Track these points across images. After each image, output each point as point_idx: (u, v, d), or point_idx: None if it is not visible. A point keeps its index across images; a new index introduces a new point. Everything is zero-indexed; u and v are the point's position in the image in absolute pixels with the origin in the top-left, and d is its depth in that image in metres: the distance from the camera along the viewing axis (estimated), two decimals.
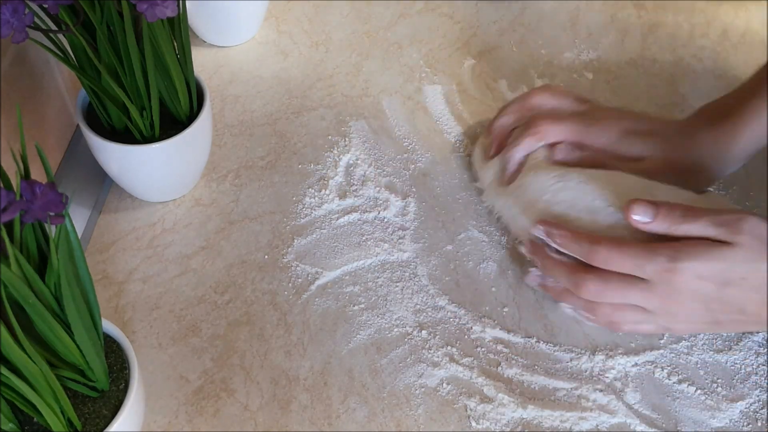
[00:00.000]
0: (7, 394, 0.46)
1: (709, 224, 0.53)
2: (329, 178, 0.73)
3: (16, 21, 0.50)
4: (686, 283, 0.53)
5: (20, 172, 0.45)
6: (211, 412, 0.58)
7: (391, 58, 0.84)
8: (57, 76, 0.70)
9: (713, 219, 0.53)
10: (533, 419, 0.58)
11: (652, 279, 0.54)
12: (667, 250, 0.53)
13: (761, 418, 0.58)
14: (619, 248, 0.55)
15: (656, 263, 0.53)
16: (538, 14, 0.89)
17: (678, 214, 0.54)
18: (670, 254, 0.53)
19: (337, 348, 0.62)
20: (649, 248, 0.54)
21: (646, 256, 0.54)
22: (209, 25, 0.83)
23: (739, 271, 0.53)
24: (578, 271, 0.57)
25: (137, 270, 0.66)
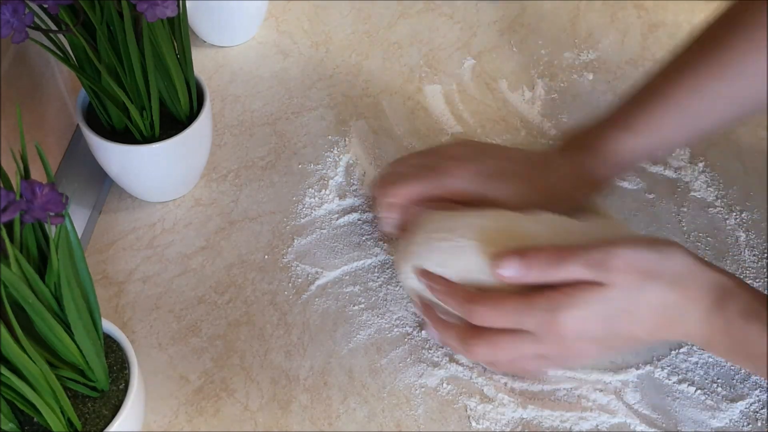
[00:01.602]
0: (7, 394, 0.46)
1: (579, 266, 0.51)
2: (329, 178, 0.73)
3: (16, 21, 0.50)
4: (570, 330, 0.52)
5: (20, 172, 0.45)
6: (211, 412, 0.58)
7: (391, 58, 0.84)
8: (57, 76, 0.70)
9: (583, 261, 0.51)
10: (533, 419, 0.58)
11: (536, 332, 0.53)
12: (544, 300, 0.52)
13: (761, 418, 0.58)
14: (496, 306, 0.53)
15: (535, 317, 0.52)
16: (538, 14, 0.89)
17: (544, 262, 0.52)
18: (547, 306, 0.52)
19: (337, 348, 0.62)
20: (526, 301, 0.52)
21: (525, 311, 0.52)
22: (209, 25, 0.83)
23: (619, 307, 0.52)
24: (466, 336, 0.55)
25: (137, 270, 0.66)
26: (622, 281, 0.51)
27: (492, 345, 0.54)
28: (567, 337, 0.52)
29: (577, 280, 0.52)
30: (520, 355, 0.55)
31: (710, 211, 0.70)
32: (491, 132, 0.77)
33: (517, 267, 0.52)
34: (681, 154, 0.74)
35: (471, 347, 0.55)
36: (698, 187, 0.72)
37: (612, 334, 0.53)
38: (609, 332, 0.53)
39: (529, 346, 0.54)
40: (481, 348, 0.55)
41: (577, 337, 0.52)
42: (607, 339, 0.53)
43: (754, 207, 0.71)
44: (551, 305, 0.52)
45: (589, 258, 0.52)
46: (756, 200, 0.71)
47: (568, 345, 0.53)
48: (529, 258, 0.52)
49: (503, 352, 0.55)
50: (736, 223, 0.69)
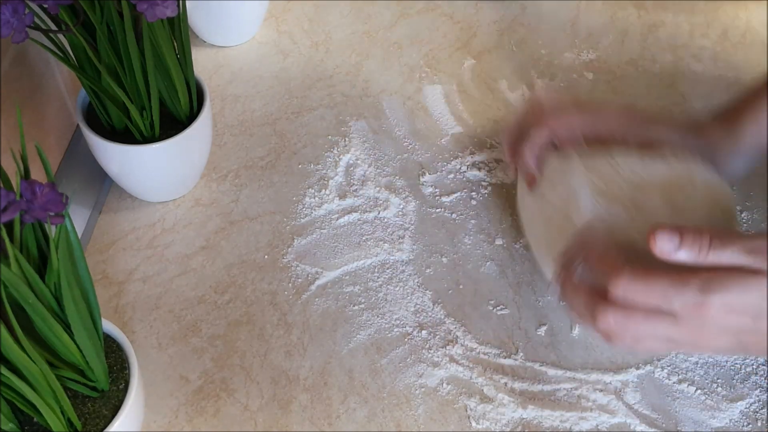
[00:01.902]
0: (7, 394, 0.46)
1: (740, 252, 0.49)
2: (329, 178, 0.73)
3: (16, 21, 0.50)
4: (717, 317, 0.49)
5: (20, 172, 0.45)
6: (211, 412, 0.58)
7: (391, 58, 0.84)
8: (57, 76, 0.70)
9: (743, 246, 0.49)
10: (533, 419, 0.58)
11: (679, 314, 0.50)
12: (697, 281, 0.49)
13: (761, 418, 0.58)
14: (644, 279, 0.50)
15: (685, 297, 0.49)
16: (538, 14, 0.89)
17: (705, 242, 0.49)
18: (700, 287, 0.49)
19: (337, 348, 0.62)
20: (676, 280, 0.49)
21: (674, 290, 0.49)
22: (209, 25, 0.83)
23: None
24: (598, 300, 0.52)
25: (137, 270, 0.66)
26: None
27: (626, 318, 0.51)
28: (710, 323, 0.49)
29: (733, 266, 0.49)
30: (650, 334, 0.51)
31: None
32: (491, 132, 0.77)
33: (676, 242, 0.50)
34: None
35: (602, 313, 0.51)
36: None
37: (756, 331, 0.50)
38: (754, 327, 0.50)
39: (665, 328, 0.50)
40: (612, 317, 0.51)
41: (721, 325, 0.50)
42: (747, 335, 0.50)
43: (754, 207, 0.71)
44: (704, 285, 0.49)
45: (750, 243, 0.49)
46: (756, 200, 0.71)
47: (706, 333, 0.50)
48: (687, 233, 0.50)
49: (634, 327, 0.51)
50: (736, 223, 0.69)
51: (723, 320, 0.49)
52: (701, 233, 0.50)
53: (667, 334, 0.51)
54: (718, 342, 0.51)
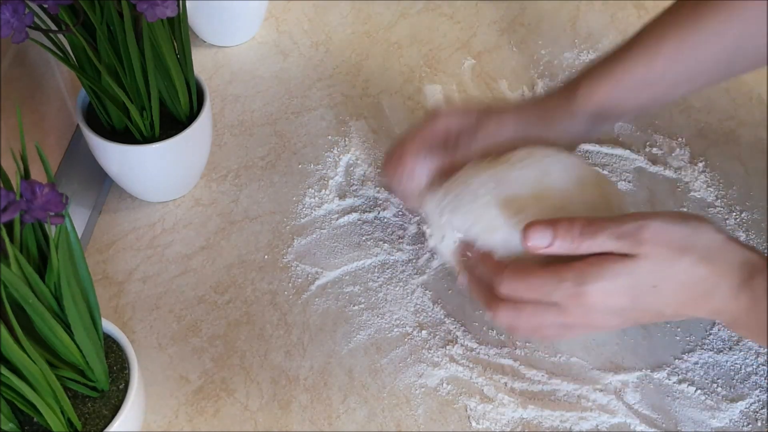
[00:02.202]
0: (7, 394, 0.46)
1: (610, 238, 0.51)
2: (329, 178, 0.73)
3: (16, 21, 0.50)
4: (597, 302, 0.51)
5: (20, 172, 0.45)
6: (211, 412, 0.58)
7: (391, 58, 0.84)
8: (57, 76, 0.70)
9: (613, 232, 0.51)
10: (533, 419, 0.58)
11: (562, 304, 0.52)
12: (572, 273, 0.51)
13: (761, 418, 0.58)
14: (523, 278, 0.53)
15: (563, 290, 0.51)
16: (538, 14, 0.89)
17: (577, 232, 0.52)
18: (575, 278, 0.51)
19: (337, 348, 0.62)
20: (553, 274, 0.52)
21: (552, 284, 0.52)
22: (209, 25, 0.83)
23: (648, 282, 0.51)
24: (492, 297, 0.55)
25: (137, 270, 0.66)
26: (653, 254, 0.51)
27: (516, 311, 0.54)
28: (593, 309, 0.52)
29: (606, 252, 0.51)
30: (542, 323, 0.54)
31: (710, 211, 0.70)
32: None
33: (548, 236, 0.52)
34: (681, 154, 0.74)
35: (495, 310, 0.55)
36: (698, 187, 0.72)
37: (638, 307, 0.52)
38: (635, 306, 0.52)
39: (553, 316, 0.53)
40: (504, 312, 0.54)
41: (603, 309, 0.52)
42: (631, 312, 0.53)
43: (754, 207, 0.71)
44: (579, 278, 0.51)
45: (620, 230, 0.51)
46: (756, 200, 0.71)
47: (592, 316, 0.53)
48: (560, 226, 0.52)
49: (526, 320, 0.54)
50: (736, 223, 0.69)
51: (604, 304, 0.52)
52: (572, 224, 0.52)
53: (559, 322, 0.53)
54: (609, 322, 0.54)
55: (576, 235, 0.52)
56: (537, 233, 0.52)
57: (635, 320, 0.54)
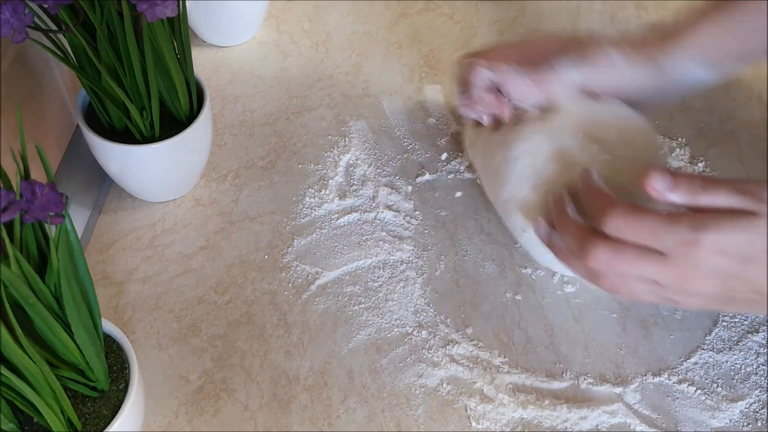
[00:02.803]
0: (7, 394, 0.46)
1: (731, 194, 0.49)
2: (329, 178, 0.73)
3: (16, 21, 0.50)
4: (707, 257, 0.49)
5: (20, 172, 0.45)
6: (211, 412, 0.58)
7: (391, 58, 0.84)
8: (57, 76, 0.70)
9: (735, 188, 0.49)
10: (533, 419, 0.58)
11: (669, 252, 0.49)
12: (689, 220, 0.49)
13: (761, 418, 0.58)
14: (637, 215, 0.50)
15: (677, 234, 0.49)
16: (538, 14, 0.89)
17: (698, 184, 0.50)
18: (693, 225, 0.49)
19: (337, 348, 0.62)
20: (669, 217, 0.49)
21: (666, 227, 0.49)
22: (209, 25, 0.83)
23: (763, 245, 0.48)
24: (590, 235, 0.52)
25: (137, 270, 0.66)
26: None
27: (616, 253, 0.51)
28: (699, 264, 0.49)
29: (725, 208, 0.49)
30: (638, 273, 0.51)
31: None
32: None
33: (669, 183, 0.50)
34: (681, 154, 0.74)
35: (591, 248, 0.51)
36: None
37: (742, 277, 0.49)
38: (741, 273, 0.49)
39: (653, 267, 0.50)
40: (602, 252, 0.51)
41: (711, 266, 0.49)
42: (735, 281, 0.50)
43: None
44: (696, 224, 0.49)
45: (742, 185, 0.49)
46: None
47: (694, 274, 0.50)
48: (680, 176, 0.50)
49: (623, 265, 0.51)
50: None
51: (712, 261, 0.49)
52: (693, 177, 0.50)
53: (655, 276, 0.51)
54: (706, 286, 0.50)
55: (697, 186, 0.50)
56: (659, 177, 0.50)
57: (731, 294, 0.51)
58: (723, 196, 0.49)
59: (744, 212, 0.49)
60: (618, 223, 0.51)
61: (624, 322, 0.63)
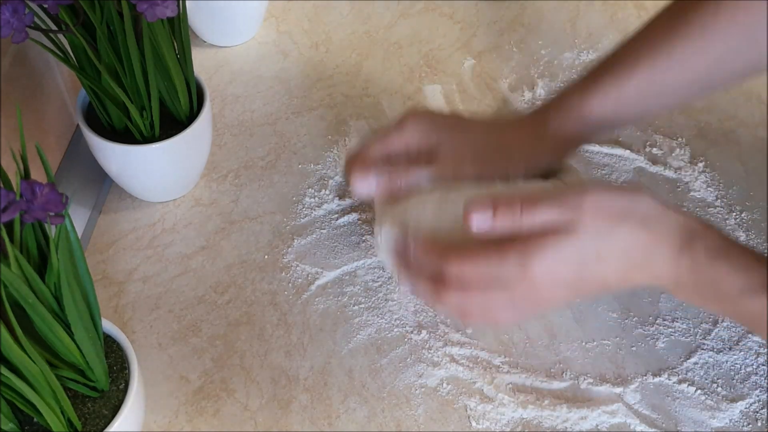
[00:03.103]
0: (7, 394, 0.46)
1: (550, 207, 0.51)
2: (329, 178, 0.73)
3: (16, 21, 0.50)
4: (543, 276, 0.51)
5: (20, 172, 0.45)
6: (211, 412, 0.58)
7: (391, 58, 0.84)
8: (57, 76, 0.70)
9: (552, 203, 0.51)
10: (533, 419, 0.58)
11: (509, 282, 0.52)
12: (515, 251, 0.51)
13: (761, 418, 0.58)
14: (469, 259, 0.53)
15: (508, 266, 0.51)
16: (538, 14, 0.89)
17: (516, 208, 0.52)
18: (518, 255, 0.51)
19: (337, 348, 0.62)
20: (498, 252, 0.52)
21: (497, 262, 0.52)
22: (209, 25, 0.83)
23: (590, 251, 0.51)
24: (438, 286, 0.54)
25: (137, 270, 0.66)
26: (592, 223, 0.51)
27: (465, 296, 0.53)
28: (539, 285, 0.52)
29: (548, 224, 0.51)
30: (491, 304, 0.54)
31: (710, 211, 0.70)
32: None
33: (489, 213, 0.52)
34: (681, 154, 0.74)
35: (443, 296, 0.54)
36: (698, 187, 0.72)
37: (582, 279, 0.52)
38: (579, 277, 0.52)
39: (500, 294, 0.53)
40: (452, 297, 0.54)
41: (549, 284, 0.52)
42: (577, 284, 0.53)
43: (754, 207, 0.71)
44: (522, 255, 0.51)
45: (558, 199, 0.51)
46: (756, 200, 0.71)
47: (539, 293, 0.53)
48: (500, 203, 0.52)
49: (475, 302, 0.54)
50: (736, 223, 0.69)
51: (551, 278, 0.52)
52: (512, 200, 0.52)
53: (509, 302, 0.53)
54: (556, 296, 0.54)
55: (516, 210, 0.51)
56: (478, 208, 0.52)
57: (581, 293, 0.54)
58: (543, 212, 0.51)
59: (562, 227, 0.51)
60: (454, 268, 0.53)
61: (624, 322, 0.63)
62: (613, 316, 0.64)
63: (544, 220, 0.51)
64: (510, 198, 0.52)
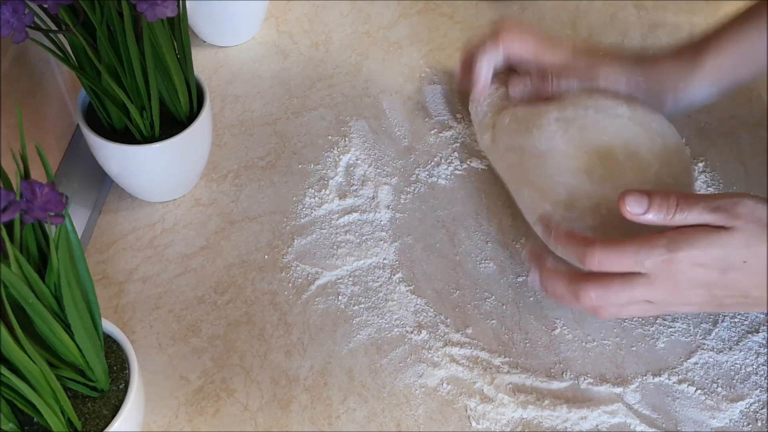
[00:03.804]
0: (7, 394, 0.46)
1: (705, 211, 0.52)
2: (329, 178, 0.73)
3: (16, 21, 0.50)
4: (687, 272, 0.52)
5: (20, 172, 0.45)
6: (211, 412, 0.58)
7: (391, 58, 0.84)
8: (57, 76, 0.70)
9: (709, 204, 0.52)
10: (533, 419, 0.58)
11: (651, 273, 0.53)
12: (664, 240, 0.52)
13: (761, 418, 0.58)
14: (615, 247, 0.54)
15: (654, 256, 0.52)
16: (538, 14, 0.89)
17: (672, 202, 0.53)
18: (668, 245, 0.52)
19: (337, 348, 0.62)
20: (645, 242, 0.53)
21: (644, 251, 0.53)
22: (209, 25, 0.83)
23: (738, 256, 0.52)
24: (577, 280, 0.56)
25: (137, 270, 0.66)
26: (746, 228, 0.51)
27: (605, 288, 0.54)
28: (682, 279, 0.53)
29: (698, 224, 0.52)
30: (630, 299, 0.55)
31: None
32: None
33: (644, 204, 0.53)
34: None
35: (582, 290, 0.55)
36: (698, 187, 0.72)
37: (725, 284, 0.53)
38: (722, 280, 0.53)
39: (640, 290, 0.54)
40: (592, 291, 0.55)
41: (692, 280, 0.53)
42: (717, 287, 0.53)
43: None
44: (671, 244, 0.52)
45: (715, 202, 0.52)
46: None
47: (679, 288, 0.53)
48: (655, 197, 0.53)
49: (614, 296, 0.54)
50: None
51: (693, 274, 0.53)
52: (668, 196, 0.53)
53: (645, 296, 0.54)
54: (693, 297, 0.54)
55: (672, 206, 0.53)
56: (634, 200, 0.53)
57: (720, 300, 0.54)
58: (696, 214, 0.52)
59: (715, 227, 0.52)
60: (599, 259, 0.54)
61: (624, 322, 0.63)
62: None
63: (697, 220, 0.52)
64: (666, 193, 0.53)
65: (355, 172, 0.73)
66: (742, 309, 0.59)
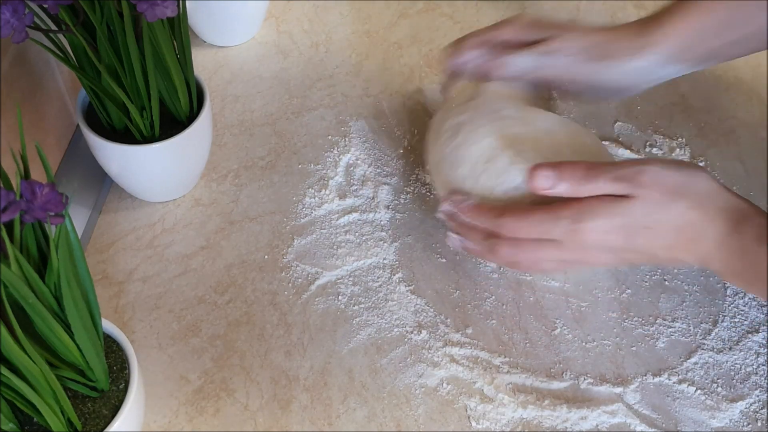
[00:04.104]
0: (7, 394, 0.46)
1: (609, 180, 0.54)
2: (329, 178, 0.73)
3: (16, 21, 0.50)
4: (593, 239, 0.54)
5: (20, 172, 0.45)
6: (211, 412, 0.58)
7: (391, 58, 0.84)
8: (57, 76, 0.70)
9: (613, 174, 0.54)
10: (533, 419, 0.58)
11: (560, 239, 0.55)
12: (569, 211, 0.54)
13: (761, 418, 0.58)
14: (524, 217, 0.56)
15: (561, 226, 0.54)
16: (538, 14, 0.89)
17: (580, 174, 0.54)
18: (573, 216, 0.54)
19: (337, 348, 0.62)
20: (552, 212, 0.55)
21: (551, 221, 0.55)
22: (209, 25, 0.83)
23: (642, 223, 0.53)
24: (491, 236, 0.58)
25: (137, 270, 0.66)
26: (648, 196, 0.53)
27: (516, 247, 0.57)
28: (589, 245, 0.55)
29: (604, 194, 0.54)
30: (540, 256, 0.57)
31: None
32: None
33: (552, 178, 0.55)
34: (681, 154, 0.74)
35: (495, 247, 0.57)
36: None
37: (631, 248, 0.55)
38: (628, 245, 0.54)
39: (551, 251, 0.56)
40: (505, 249, 0.57)
41: (599, 246, 0.55)
42: (625, 252, 0.55)
43: None
44: (576, 215, 0.54)
45: (619, 172, 0.54)
46: (756, 200, 0.71)
47: (588, 252, 0.56)
48: (564, 169, 0.55)
49: (526, 255, 0.57)
50: None
51: (600, 241, 0.55)
52: (575, 167, 0.55)
53: (557, 257, 0.57)
54: (602, 259, 0.57)
55: (579, 177, 0.54)
56: (542, 175, 0.55)
57: (629, 261, 0.57)
58: (602, 184, 0.54)
59: (618, 196, 0.54)
60: (509, 226, 0.56)
61: (624, 322, 0.63)
62: (613, 316, 0.64)
63: (603, 189, 0.54)
64: (573, 165, 0.55)
65: (355, 172, 0.73)
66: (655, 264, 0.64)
